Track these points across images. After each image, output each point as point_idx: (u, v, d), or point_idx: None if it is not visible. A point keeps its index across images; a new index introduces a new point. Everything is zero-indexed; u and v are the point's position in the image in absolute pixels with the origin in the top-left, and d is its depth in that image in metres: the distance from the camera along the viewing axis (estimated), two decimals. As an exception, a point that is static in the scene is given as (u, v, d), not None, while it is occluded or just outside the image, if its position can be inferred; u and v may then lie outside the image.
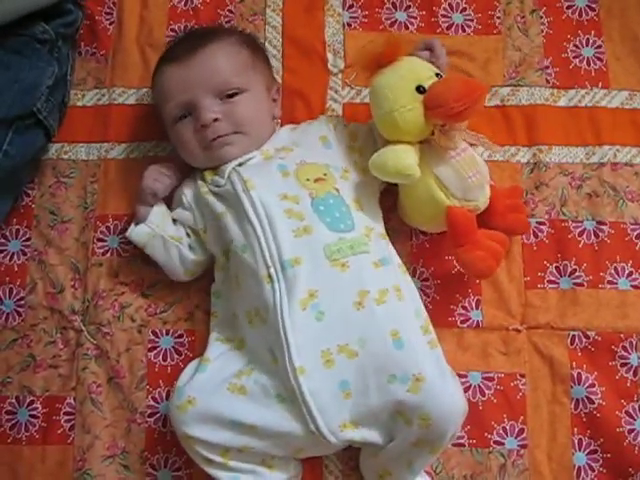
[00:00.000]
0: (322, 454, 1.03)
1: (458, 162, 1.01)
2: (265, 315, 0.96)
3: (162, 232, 1.07)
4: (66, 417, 1.09)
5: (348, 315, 0.94)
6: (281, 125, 1.15)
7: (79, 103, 1.22)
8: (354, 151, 1.09)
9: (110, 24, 1.26)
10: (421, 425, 0.91)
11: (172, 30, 1.25)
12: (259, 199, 0.99)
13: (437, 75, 1.02)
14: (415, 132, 1.00)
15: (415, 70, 1.02)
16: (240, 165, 1.04)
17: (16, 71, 1.10)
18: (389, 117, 1.00)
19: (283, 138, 1.09)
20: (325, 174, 1.03)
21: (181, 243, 1.07)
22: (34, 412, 1.09)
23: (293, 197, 0.99)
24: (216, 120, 1.03)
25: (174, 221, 1.09)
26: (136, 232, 1.08)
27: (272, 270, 0.95)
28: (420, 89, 0.99)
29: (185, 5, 1.26)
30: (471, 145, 1.05)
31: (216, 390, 0.95)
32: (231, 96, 1.04)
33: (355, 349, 0.93)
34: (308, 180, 1.01)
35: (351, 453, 1.04)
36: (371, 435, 0.95)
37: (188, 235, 1.08)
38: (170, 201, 1.11)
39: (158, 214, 1.08)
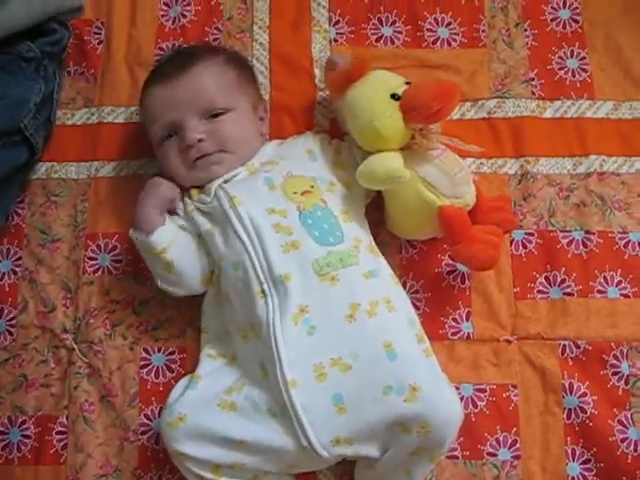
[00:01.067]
0: (315, 469, 1.03)
1: (442, 161, 1.03)
2: (258, 330, 0.96)
3: (170, 257, 1.03)
4: (58, 436, 1.09)
5: (340, 328, 0.95)
6: (269, 141, 1.16)
7: (69, 122, 1.22)
8: (338, 166, 1.09)
9: (99, 43, 1.27)
10: (420, 433, 0.91)
11: (160, 48, 1.25)
12: (247, 214, 0.99)
13: (407, 83, 1.04)
14: (396, 138, 1.01)
15: (386, 80, 1.05)
16: (226, 182, 1.04)
17: (3, 87, 1.11)
18: (369, 127, 1.01)
19: (269, 153, 1.10)
20: (312, 186, 1.03)
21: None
22: (26, 432, 1.09)
23: (281, 211, 1.00)
24: (200, 140, 1.03)
25: None
26: (160, 232, 1.02)
27: (265, 286, 0.95)
28: (395, 97, 1.01)
29: (173, 23, 1.27)
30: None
31: (206, 406, 0.95)
32: (216, 115, 1.05)
33: (348, 362, 0.93)
34: (295, 193, 1.02)
35: (345, 467, 1.04)
36: (366, 449, 0.95)
37: None
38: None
39: (167, 235, 1.04)
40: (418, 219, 1.05)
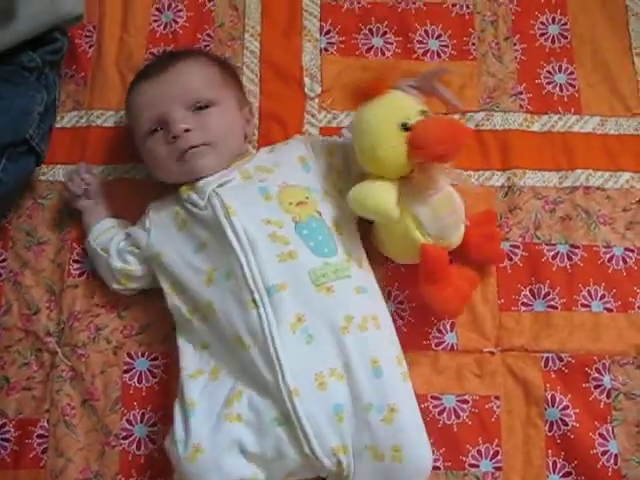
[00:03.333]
0: (310, 477, 1.00)
1: (435, 202, 1.01)
2: (250, 341, 0.95)
3: (95, 245, 1.11)
4: (39, 440, 1.08)
5: (336, 339, 0.95)
6: (257, 149, 1.16)
7: (58, 125, 1.22)
8: (332, 170, 1.09)
9: (90, 47, 1.27)
10: (394, 458, 0.91)
11: (151, 53, 1.26)
12: (241, 225, 0.98)
13: (423, 112, 1.01)
14: (396, 169, 1.00)
15: (401, 107, 1.01)
16: (220, 186, 1.03)
17: (8, 99, 1.10)
18: (371, 152, 1.00)
19: (262, 158, 1.10)
20: (307, 197, 1.03)
21: (109, 254, 1.09)
22: (6, 435, 1.08)
23: (276, 222, 0.99)
24: (187, 131, 1.03)
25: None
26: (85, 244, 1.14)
27: (256, 295, 0.95)
28: (405, 126, 0.98)
29: (164, 29, 1.28)
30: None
31: (217, 426, 0.93)
32: (202, 108, 1.05)
33: (342, 373, 0.93)
34: (291, 204, 1.01)
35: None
36: (352, 465, 0.94)
37: (130, 252, 1.09)
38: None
39: (100, 229, 1.12)
40: (401, 248, 1.06)
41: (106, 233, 1.12)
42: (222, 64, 1.14)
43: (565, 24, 1.28)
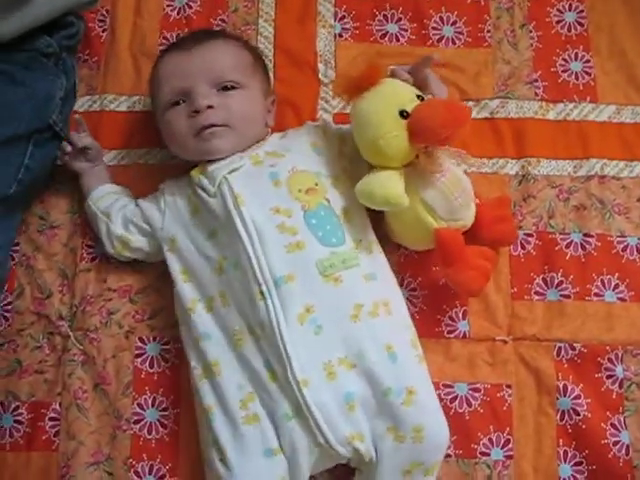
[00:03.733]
0: (327, 467, 1.01)
1: (443, 184, 1.01)
2: (260, 332, 0.95)
3: (95, 208, 1.11)
4: (51, 423, 1.08)
5: (346, 328, 0.95)
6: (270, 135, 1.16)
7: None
8: (344, 157, 1.09)
9: (103, 31, 1.27)
10: (415, 439, 0.92)
11: (165, 38, 1.25)
12: (250, 215, 0.98)
13: (419, 97, 1.00)
14: (400, 157, 0.99)
15: (397, 94, 1.00)
16: (230, 172, 1.03)
17: (30, 86, 1.10)
18: (374, 144, 0.99)
19: (273, 144, 1.09)
20: (316, 184, 1.03)
21: (110, 220, 1.09)
22: (19, 417, 1.09)
23: (285, 211, 0.99)
24: (210, 107, 1.03)
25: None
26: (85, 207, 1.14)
27: (264, 287, 0.95)
28: (403, 114, 0.97)
29: (178, 14, 1.27)
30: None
31: (237, 432, 0.94)
32: (227, 89, 1.05)
33: (354, 362, 0.94)
34: (300, 191, 1.01)
35: (339, 472, 1.03)
36: (371, 450, 0.95)
37: (136, 223, 1.09)
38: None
39: (101, 192, 1.12)
40: (415, 235, 1.06)
41: (107, 197, 1.12)
42: (255, 53, 1.14)
43: (582, 11, 1.27)
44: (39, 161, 1.11)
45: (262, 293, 0.95)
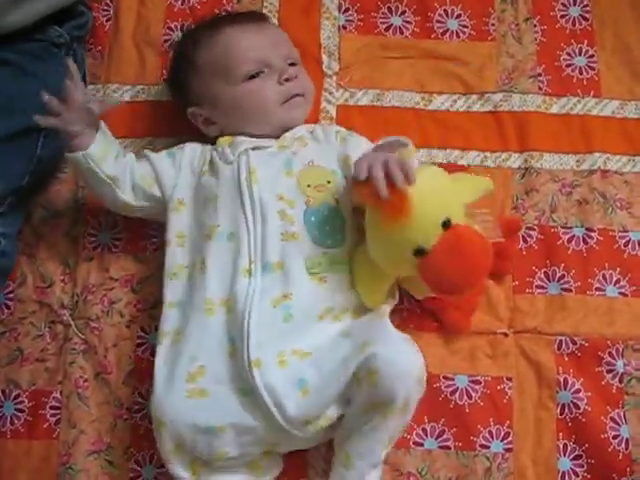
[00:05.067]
0: (301, 447, 1.01)
1: None
2: (233, 304, 0.96)
3: (97, 169, 1.02)
4: (52, 411, 1.08)
5: (309, 325, 0.96)
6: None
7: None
8: None
9: (107, 20, 1.27)
10: (370, 383, 0.89)
11: (169, 28, 1.26)
12: (259, 194, 0.99)
13: (444, 225, 0.89)
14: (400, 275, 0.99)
15: (416, 235, 0.89)
16: (254, 149, 1.04)
17: (42, 77, 1.10)
18: (380, 261, 0.95)
19: (301, 130, 1.10)
20: (329, 181, 1.03)
21: (117, 186, 1.04)
22: (20, 406, 1.09)
23: (289, 200, 1.00)
24: (296, 77, 1.07)
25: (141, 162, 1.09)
26: (70, 158, 1.02)
27: (253, 266, 0.96)
28: (420, 251, 0.89)
29: (182, 4, 1.28)
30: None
31: (177, 404, 0.93)
32: (293, 65, 1.09)
33: (308, 351, 0.94)
34: (309, 186, 1.02)
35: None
36: (331, 416, 0.94)
37: (144, 190, 1.07)
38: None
39: (100, 144, 1.02)
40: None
41: (108, 156, 1.04)
42: None
43: (586, 6, 1.27)
44: (50, 152, 1.11)
45: (249, 270, 0.96)
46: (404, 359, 0.91)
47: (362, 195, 0.90)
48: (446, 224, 0.89)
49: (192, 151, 1.09)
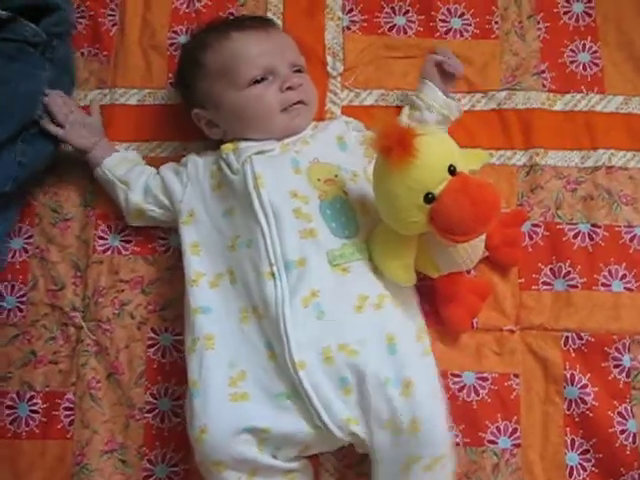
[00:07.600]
0: (328, 450, 1.03)
1: (456, 250, 1.02)
2: (264, 311, 0.97)
3: (112, 176, 1.13)
4: (66, 412, 1.10)
5: (348, 317, 0.96)
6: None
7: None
8: (365, 158, 1.10)
9: (112, 25, 1.27)
10: (411, 430, 0.91)
11: (174, 32, 1.26)
12: (268, 197, 1.00)
13: (450, 171, 0.91)
14: (415, 233, 0.97)
15: (424, 178, 0.91)
16: (257, 154, 1.05)
17: (14, 83, 1.10)
18: (391, 220, 0.96)
19: (303, 132, 1.11)
20: (336, 175, 1.05)
21: (129, 188, 1.12)
22: (34, 407, 1.11)
23: (303, 197, 1.01)
24: (300, 85, 1.08)
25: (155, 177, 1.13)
26: (95, 174, 1.15)
27: (275, 268, 0.97)
28: (428, 196, 0.91)
29: (187, 7, 1.28)
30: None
31: (221, 408, 0.94)
32: (298, 72, 1.10)
33: (356, 349, 0.94)
34: (319, 180, 1.03)
35: (346, 450, 1.04)
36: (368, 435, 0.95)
37: (155, 195, 1.11)
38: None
39: (115, 159, 1.14)
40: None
41: (123, 165, 1.14)
42: None
43: (590, 2, 1.27)
44: (32, 157, 1.12)
45: (272, 273, 0.97)
46: (441, 427, 0.94)
47: (375, 145, 0.92)
48: (452, 171, 0.91)
49: (194, 166, 1.10)
